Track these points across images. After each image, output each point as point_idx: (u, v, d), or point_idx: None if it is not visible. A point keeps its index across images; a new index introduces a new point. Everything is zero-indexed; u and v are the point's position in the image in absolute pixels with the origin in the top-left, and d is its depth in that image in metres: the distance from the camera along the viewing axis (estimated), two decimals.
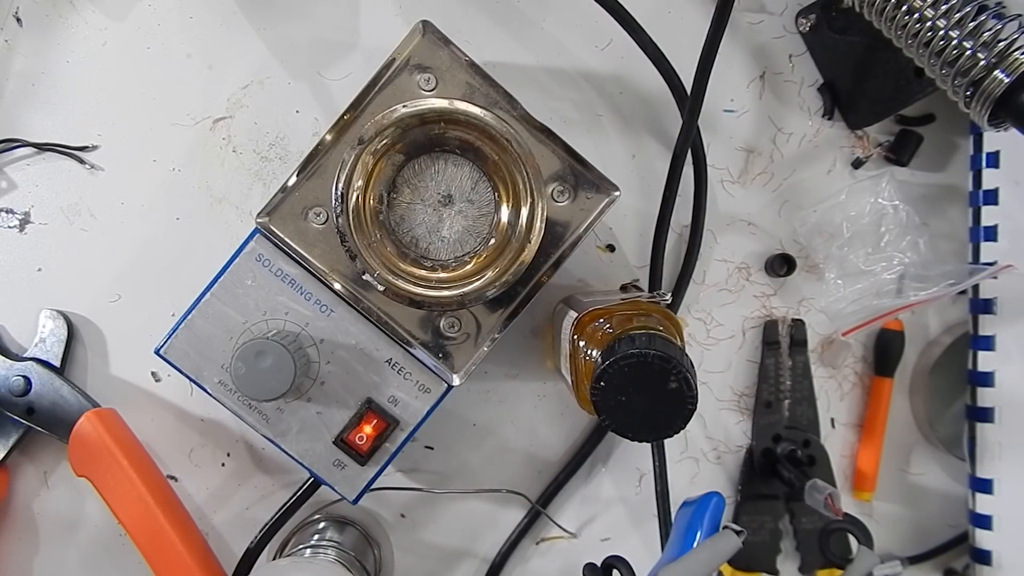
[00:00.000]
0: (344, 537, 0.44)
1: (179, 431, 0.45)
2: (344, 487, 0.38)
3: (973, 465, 0.45)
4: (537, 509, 0.46)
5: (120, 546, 0.44)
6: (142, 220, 0.44)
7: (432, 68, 0.35)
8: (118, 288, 0.44)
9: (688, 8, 0.45)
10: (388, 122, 0.35)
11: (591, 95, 0.45)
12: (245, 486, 0.45)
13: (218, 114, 0.44)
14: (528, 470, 0.47)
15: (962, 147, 0.47)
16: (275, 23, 0.44)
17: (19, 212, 0.44)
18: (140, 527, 0.41)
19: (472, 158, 0.37)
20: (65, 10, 0.43)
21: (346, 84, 0.44)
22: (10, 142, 0.43)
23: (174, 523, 0.41)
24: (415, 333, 0.37)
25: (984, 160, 0.44)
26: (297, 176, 0.36)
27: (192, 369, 0.37)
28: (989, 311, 0.44)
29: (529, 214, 0.35)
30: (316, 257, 0.36)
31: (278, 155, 0.44)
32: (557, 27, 0.45)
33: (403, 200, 0.37)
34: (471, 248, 0.37)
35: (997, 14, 0.34)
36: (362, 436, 0.38)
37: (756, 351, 0.47)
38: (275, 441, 0.38)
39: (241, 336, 0.37)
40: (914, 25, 0.36)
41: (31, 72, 0.43)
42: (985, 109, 0.35)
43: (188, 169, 0.44)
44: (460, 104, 0.35)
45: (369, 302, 0.37)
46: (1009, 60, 0.34)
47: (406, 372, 0.38)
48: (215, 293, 0.37)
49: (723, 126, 0.46)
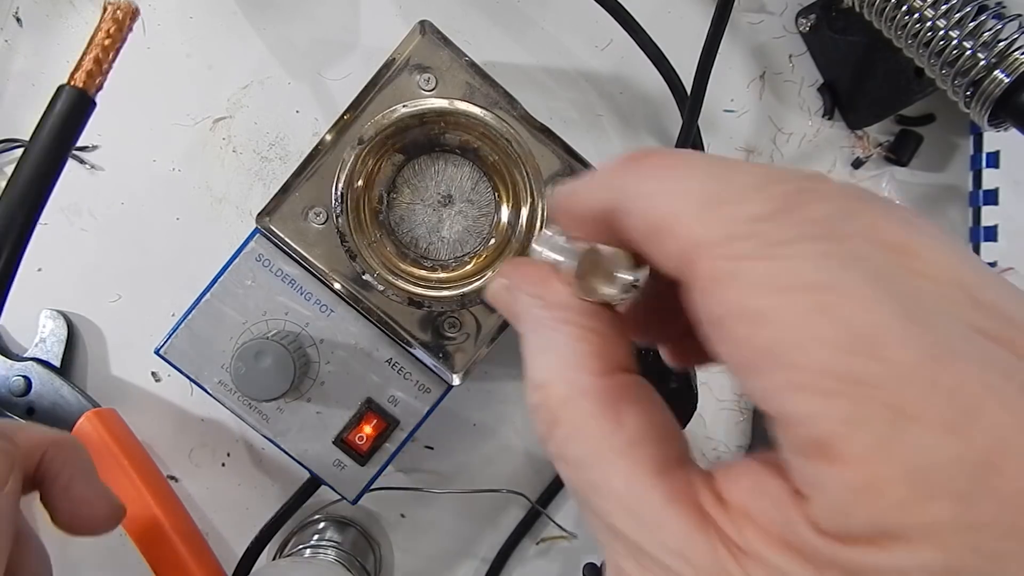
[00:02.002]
0: (344, 537, 0.44)
1: (179, 431, 0.45)
2: (344, 487, 0.38)
3: None
4: (537, 509, 0.46)
5: (120, 546, 0.44)
6: (142, 220, 0.44)
7: (432, 68, 0.35)
8: (118, 288, 0.44)
9: (688, 8, 0.45)
10: (388, 122, 0.35)
11: (591, 95, 0.45)
12: (245, 486, 0.45)
13: (218, 114, 0.44)
14: (528, 470, 0.47)
15: (962, 147, 0.47)
16: (275, 23, 0.44)
17: None
18: (140, 527, 0.41)
19: (472, 158, 0.37)
20: (65, 10, 0.43)
21: (346, 84, 0.44)
22: (10, 142, 0.43)
23: (174, 523, 0.41)
24: (415, 333, 0.37)
25: (984, 160, 0.44)
26: (297, 176, 0.36)
27: (192, 369, 0.37)
28: None
29: (529, 214, 0.35)
30: (316, 257, 0.36)
31: (278, 155, 0.44)
32: (557, 27, 0.45)
33: (403, 200, 0.37)
34: (471, 248, 0.37)
35: (997, 14, 0.34)
36: (362, 436, 0.38)
37: None
38: (275, 441, 0.38)
39: (241, 336, 0.37)
40: (914, 25, 0.36)
41: (31, 72, 0.43)
42: (985, 109, 0.35)
43: (188, 169, 0.44)
44: (460, 104, 0.35)
45: (369, 302, 0.37)
46: (1009, 60, 0.34)
47: (406, 372, 0.38)
48: (215, 293, 0.37)
49: (723, 126, 0.46)
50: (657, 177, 0.17)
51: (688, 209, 0.16)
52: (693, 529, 0.16)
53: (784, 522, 0.15)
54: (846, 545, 0.13)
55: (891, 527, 0.13)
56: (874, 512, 0.13)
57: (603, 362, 0.18)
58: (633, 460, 0.17)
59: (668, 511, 0.16)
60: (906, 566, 0.13)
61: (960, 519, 0.12)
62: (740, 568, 0.15)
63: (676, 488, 0.16)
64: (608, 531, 0.17)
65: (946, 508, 0.13)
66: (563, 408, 0.18)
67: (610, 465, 0.17)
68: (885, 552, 0.13)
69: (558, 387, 0.18)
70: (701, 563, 0.15)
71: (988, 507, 0.12)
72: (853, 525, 0.13)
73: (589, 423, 0.17)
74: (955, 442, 0.13)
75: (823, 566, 0.14)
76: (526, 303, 0.20)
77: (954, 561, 0.12)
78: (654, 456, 0.17)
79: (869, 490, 0.13)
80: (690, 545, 0.15)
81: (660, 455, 0.17)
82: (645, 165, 0.17)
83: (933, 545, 0.13)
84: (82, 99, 0.28)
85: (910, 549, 0.13)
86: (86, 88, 0.28)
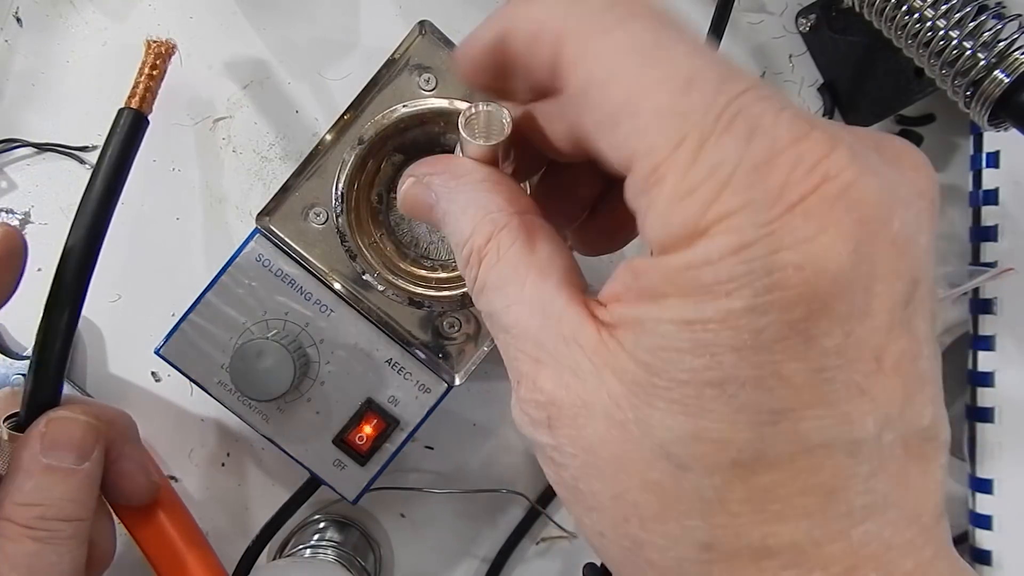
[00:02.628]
0: (344, 537, 0.44)
1: (179, 431, 0.45)
2: (344, 487, 0.38)
3: (973, 465, 0.45)
4: (537, 509, 0.46)
5: (120, 545, 0.44)
6: (142, 220, 0.44)
7: (432, 68, 0.35)
8: (118, 288, 0.44)
9: (688, 8, 0.45)
10: (388, 122, 0.35)
11: None
12: (245, 486, 0.45)
13: (218, 114, 0.44)
14: (528, 470, 0.47)
15: (962, 147, 0.47)
16: (275, 23, 0.44)
17: (19, 212, 0.44)
18: (141, 524, 0.41)
19: None
20: (65, 10, 0.43)
21: (346, 84, 0.44)
22: (10, 142, 0.43)
23: (174, 520, 0.41)
24: (415, 333, 0.37)
25: (984, 160, 0.44)
26: (297, 176, 0.36)
27: (192, 369, 0.37)
28: (989, 311, 0.44)
29: None
30: (316, 257, 0.36)
31: (278, 155, 0.44)
32: None
33: None
34: None
35: (997, 14, 0.34)
36: (362, 436, 0.38)
37: None
38: (275, 441, 0.38)
39: (241, 336, 0.37)
40: (914, 25, 0.36)
41: (31, 72, 0.43)
42: (985, 109, 0.35)
43: (188, 169, 0.44)
44: (460, 104, 0.35)
45: (369, 302, 0.37)
46: (1009, 60, 0.34)
47: (406, 372, 0.38)
48: (215, 293, 0.37)
49: None
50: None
51: (555, 12, 0.19)
52: (585, 320, 0.19)
53: (631, 279, 0.18)
54: (670, 254, 0.17)
55: (699, 224, 0.16)
56: (686, 213, 0.16)
57: (515, 204, 0.22)
58: (543, 274, 0.20)
59: (568, 309, 0.19)
60: (711, 253, 0.16)
61: (745, 202, 0.16)
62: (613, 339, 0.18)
63: (574, 295, 0.20)
64: (514, 340, 0.20)
65: (735, 198, 0.16)
66: (489, 243, 0.21)
67: (525, 277, 0.20)
68: (696, 248, 0.16)
69: (483, 227, 0.21)
70: (588, 343, 0.18)
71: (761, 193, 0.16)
72: (673, 230, 0.16)
73: (510, 249, 0.21)
74: (742, 148, 0.16)
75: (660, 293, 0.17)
76: (439, 183, 0.23)
77: (745, 238, 0.16)
78: (560, 275, 0.20)
79: (682, 194, 0.16)
80: (581, 330, 0.19)
81: (564, 276, 0.20)
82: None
83: (729, 230, 0.16)
84: (138, 118, 0.36)
85: (712, 237, 0.16)
86: (141, 109, 0.36)
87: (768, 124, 0.16)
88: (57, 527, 0.30)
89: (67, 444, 0.31)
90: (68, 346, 0.33)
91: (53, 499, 0.30)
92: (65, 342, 0.33)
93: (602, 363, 0.18)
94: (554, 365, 0.19)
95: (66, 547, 0.30)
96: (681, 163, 0.16)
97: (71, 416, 0.32)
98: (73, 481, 0.31)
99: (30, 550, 0.29)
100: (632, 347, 0.17)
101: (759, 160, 0.16)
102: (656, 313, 0.17)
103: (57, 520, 0.30)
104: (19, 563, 0.29)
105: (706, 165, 0.16)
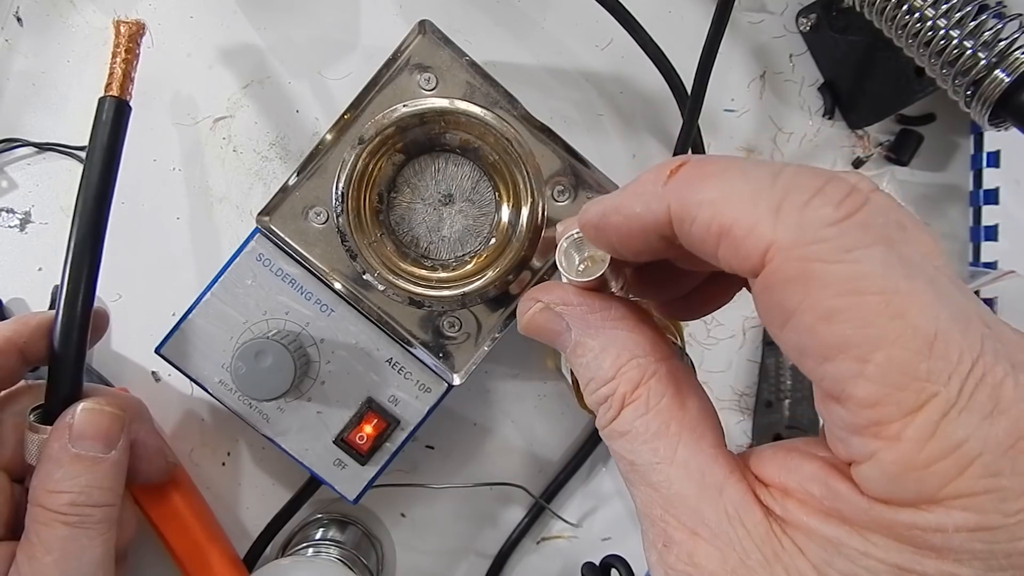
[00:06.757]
0: (346, 536, 0.44)
1: (179, 431, 0.45)
2: (344, 487, 0.38)
3: None
4: (541, 504, 0.46)
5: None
6: (142, 220, 0.44)
7: (432, 68, 0.35)
8: (118, 288, 0.44)
9: (688, 8, 0.45)
10: (388, 122, 0.35)
11: (591, 95, 0.45)
12: (245, 486, 0.45)
13: (218, 114, 0.44)
14: (528, 469, 0.47)
15: (963, 147, 0.47)
16: (275, 23, 0.44)
17: (19, 212, 0.44)
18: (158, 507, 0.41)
19: (472, 157, 0.37)
20: (65, 10, 0.43)
21: (346, 84, 0.44)
22: (10, 142, 0.43)
23: (188, 503, 0.41)
24: (415, 333, 0.37)
25: (985, 160, 0.44)
26: (297, 176, 0.36)
27: (192, 369, 0.37)
28: None
29: (530, 214, 0.35)
30: (316, 257, 0.36)
31: (278, 155, 0.44)
32: (557, 27, 0.45)
33: (403, 200, 0.37)
34: (472, 248, 0.37)
35: (997, 14, 0.34)
36: (362, 436, 0.38)
37: (756, 351, 0.47)
38: (275, 441, 0.38)
39: (241, 336, 0.37)
40: (914, 25, 0.36)
41: (31, 72, 0.43)
42: (986, 108, 0.35)
43: (188, 169, 0.44)
44: (460, 104, 0.35)
45: (369, 302, 0.37)
46: (1009, 60, 0.34)
47: (406, 372, 0.38)
48: (215, 293, 0.37)
49: (724, 126, 0.46)
50: (711, 185, 0.19)
51: (756, 213, 0.18)
52: (750, 498, 0.18)
53: (824, 494, 0.17)
54: (891, 507, 0.16)
55: (934, 496, 0.16)
56: (922, 486, 0.16)
57: (659, 349, 0.21)
58: (698, 435, 0.19)
59: (729, 481, 0.18)
60: (945, 524, 0.16)
61: (990, 487, 0.16)
62: (788, 537, 0.17)
63: (732, 461, 0.19)
64: (663, 501, 0.19)
65: (979, 483, 0.16)
66: (637, 390, 0.20)
67: (676, 437, 0.19)
68: (927, 513, 0.16)
69: (630, 372, 0.20)
70: (755, 529, 0.18)
71: (1008, 482, 0.16)
72: (902, 491, 0.16)
73: (661, 402, 0.20)
74: (986, 428, 0.16)
75: (866, 527, 0.17)
76: (575, 314, 0.22)
77: (988, 522, 0.16)
78: (713, 436, 0.19)
79: (920, 465, 0.16)
80: (747, 511, 0.18)
81: (713, 435, 0.20)
82: (693, 175, 0.19)
83: (969, 508, 0.16)
84: (120, 104, 0.34)
85: (949, 510, 0.16)
86: (121, 95, 0.34)
87: (1009, 399, 0.16)
88: (87, 512, 0.31)
89: (95, 434, 0.32)
90: (85, 336, 0.34)
91: (82, 486, 0.31)
92: (82, 332, 0.34)
93: (773, 557, 0.17)
94: (714, 542, 0.18)
95: (96, 531, 0.31)
96: (919, 433, 0.16)
97: (98, 407, 0.33)
98: (101, 469, 0.32)
99: (63, 534, 0.31)
100: (818, 561, 0.17)
101: (1005, 444, 0.16)
102: (859, 545, 0.17)
103: (87, 506, 0.31)
104: (53, 546, 0.30)
105: (948, 442, 0.16)
